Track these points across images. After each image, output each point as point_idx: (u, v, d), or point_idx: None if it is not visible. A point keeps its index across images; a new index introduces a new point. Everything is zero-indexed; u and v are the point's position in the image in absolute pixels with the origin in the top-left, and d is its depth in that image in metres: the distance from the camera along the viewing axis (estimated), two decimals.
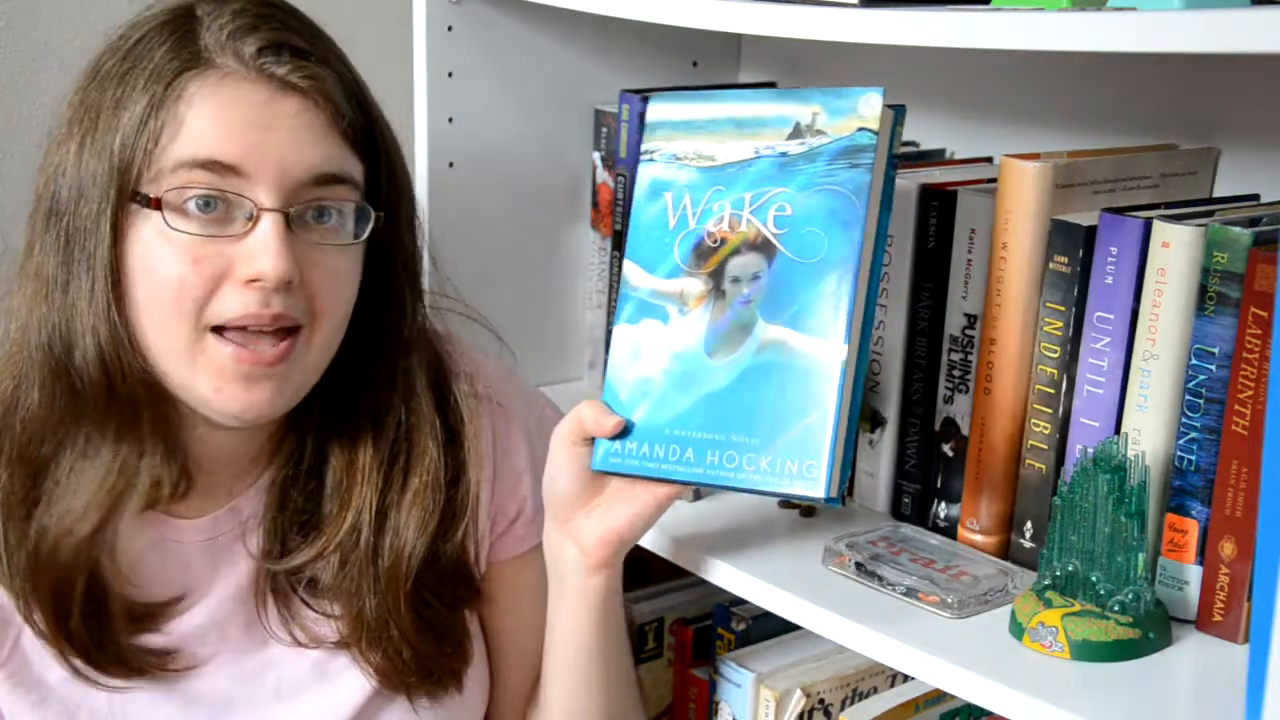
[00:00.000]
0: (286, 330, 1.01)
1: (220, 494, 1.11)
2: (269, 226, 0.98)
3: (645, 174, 1.09)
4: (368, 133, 1.05)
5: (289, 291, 0.99)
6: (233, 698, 1.11)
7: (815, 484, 0.99)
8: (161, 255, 0.98)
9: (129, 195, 0.98)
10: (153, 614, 1.08)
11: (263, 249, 0.97)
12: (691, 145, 1.08)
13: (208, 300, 0.99)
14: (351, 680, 1.12)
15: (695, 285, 1.05)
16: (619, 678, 1.17)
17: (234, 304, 0.98)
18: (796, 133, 1.03)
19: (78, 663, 1.05)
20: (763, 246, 1.03)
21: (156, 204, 0.97)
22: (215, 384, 1.00)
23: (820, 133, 1.03)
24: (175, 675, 1.09)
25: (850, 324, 1.00)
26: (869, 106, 1.01)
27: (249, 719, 1.11)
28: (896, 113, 1.03)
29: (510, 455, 1.18)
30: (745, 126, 1.06)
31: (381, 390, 1.11)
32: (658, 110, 1.10)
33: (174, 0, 1.03)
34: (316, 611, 1.11)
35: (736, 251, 1.04)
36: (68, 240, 1.00)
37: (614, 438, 1.05)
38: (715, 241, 1.05)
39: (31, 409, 1.03)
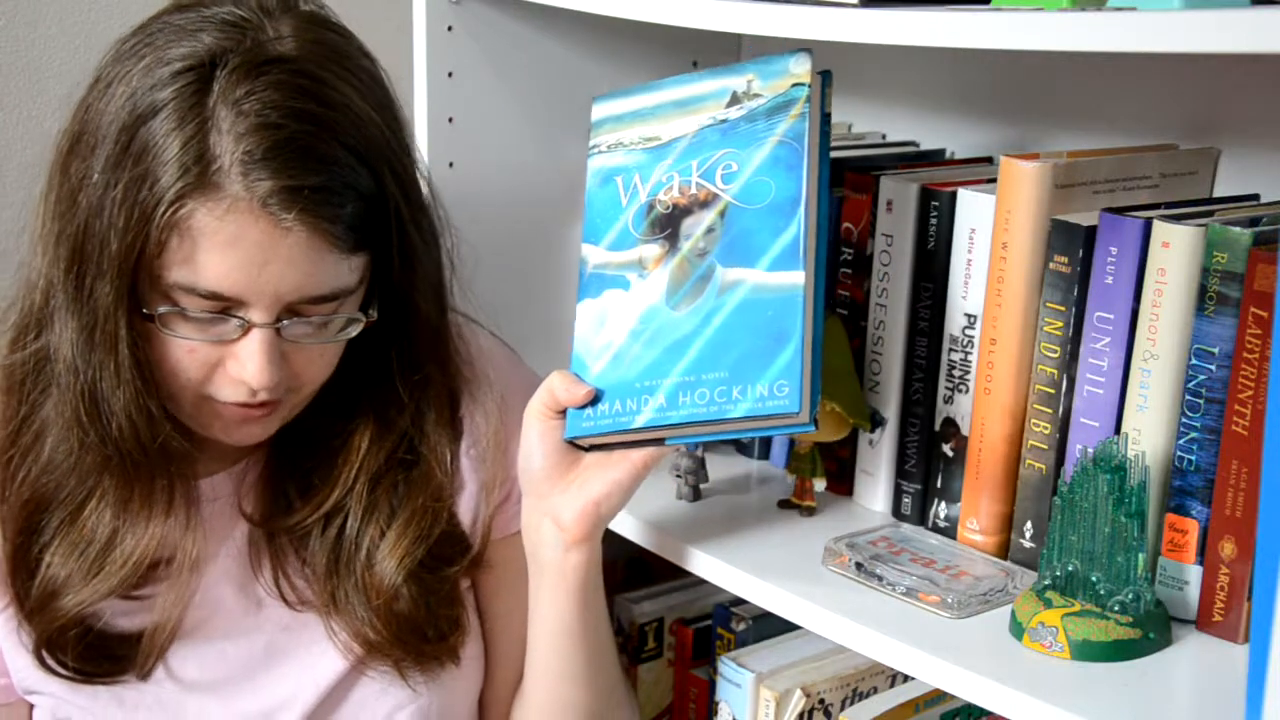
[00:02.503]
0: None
1: (224, 457, 1.14)
2: (258, 339, 1.02)
3: (593, 165, 1.13)
4: (377, 202, 1.04)
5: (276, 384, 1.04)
6: (223, 659, 1.12)
7: (790, 402, 0.99)
8: (159, 339, 1.02)
9: (130, 287, 1.00)
10: (143, 580, 1.09)
11: (250, 359, 1.02)
12: (636, 132, 1.12)
13: (204, 382, 1.05)
14: (333, 648, 1.14)
15: (652, 249, 1.08)
16: (602, 670, 1.17)
17: (227, 392, 1.04)
18: (734, 100, 1.08)
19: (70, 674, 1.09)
20: (713, 203, 1.06)
21: (154, 319, 1.01)
22: (210, 425, 1.08)
23: (757, 95, 1.08)
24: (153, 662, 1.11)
25: (805, 252, 1.02)
26: (799, 65, 1.07)
27: (238, 685, 1.13)
28: (824, 76, 1.08)
29: (503, 435, 1.18)
30: (686, 105, 1.11)
31: (388, 382, 1.13)
32: (601, 109, 1.15)
33: (196, 27, 1.02)
34: (302, 573, 1.13)
35: (688, 212, 1.07)
36: (89, 298, 1.01)
37: (584, 406, 1.06)
38: (666, 207, 1.08)
39: (57, 447, 1.07)
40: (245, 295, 0.99)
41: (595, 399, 1.06)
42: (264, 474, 1.15)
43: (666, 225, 1.07)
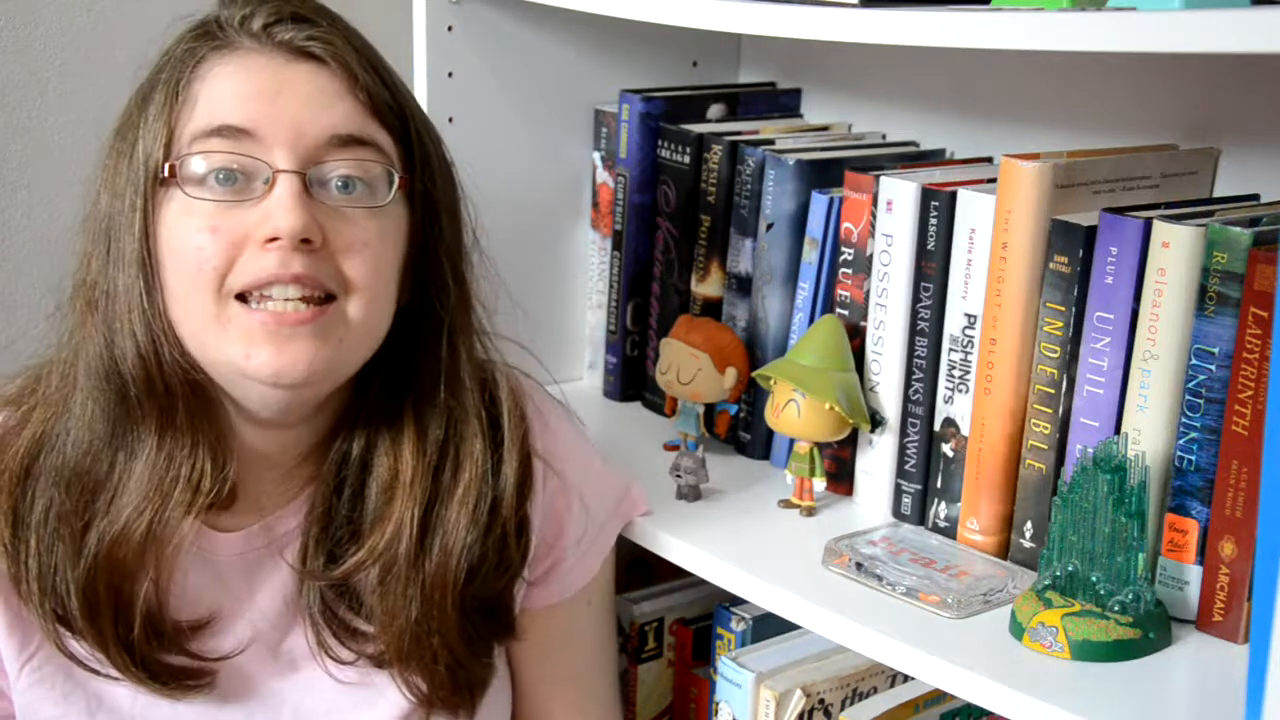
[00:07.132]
0: (319, 301, 0.99)
1: (260, 507, 1.09)
2: (284, 186, 0.97)
3: None
4: (394, 107, 1.04)
5: (312, 254, 0.98)
6: (254, 714, 1.09)
7: None
8: (183, 230, 0.99)
9: (154, 181, 0.99)
10: (186, 631, 1.06)
11: (277, 206, 0.97)
12: None
13: (229, 267, 0.98)
14: (386, 703, 1.10)
15: None
16: None
17: (254, 267, 0.97)
18: None
19: (113, 672, 1.04)
20: None
21: (173, 173, 0.98)
22: (245, 349, 0.98)
23: None
24: (203, 687, 1.07)
25: None
26: None
27: None
28: None
29: (556, 511, 1.16)
30: None
31: (427, 390, 1.08)
32: None
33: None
34: (357, 628, 1.09)
35: None
36: (108, 250, 1.01)
37: None
38: None
39: (82, 429, 1.03)
40: (261, 126, 0.98)
41: None
42: (312, 522, 1.08)
43: None
